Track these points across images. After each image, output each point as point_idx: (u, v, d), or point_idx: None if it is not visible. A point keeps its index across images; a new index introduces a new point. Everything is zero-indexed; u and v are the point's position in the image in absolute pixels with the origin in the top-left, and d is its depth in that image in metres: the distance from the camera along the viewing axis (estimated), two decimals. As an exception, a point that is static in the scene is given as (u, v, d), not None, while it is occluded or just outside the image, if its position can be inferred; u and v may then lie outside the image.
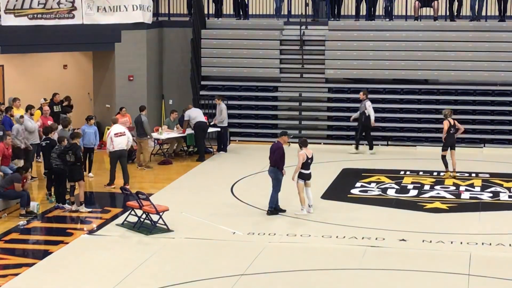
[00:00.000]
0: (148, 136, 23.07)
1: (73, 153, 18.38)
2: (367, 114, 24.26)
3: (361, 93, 24.60)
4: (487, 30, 26.45)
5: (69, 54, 27.37)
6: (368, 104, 24.33)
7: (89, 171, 21.63)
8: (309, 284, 13.89)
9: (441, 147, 21.65)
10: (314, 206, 17.96)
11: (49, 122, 21.62)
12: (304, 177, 17.73)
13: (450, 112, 21.67)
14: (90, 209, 18.55)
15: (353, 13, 28.08)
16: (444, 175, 21.40)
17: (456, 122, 21.47)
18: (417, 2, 27.15)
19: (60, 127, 21.11)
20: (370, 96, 26.25)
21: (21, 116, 20.68)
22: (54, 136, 20.00)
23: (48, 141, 19.71)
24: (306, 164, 17.69)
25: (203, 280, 14.00)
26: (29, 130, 20.71)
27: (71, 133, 19.58)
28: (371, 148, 24.55)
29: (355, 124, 24.85)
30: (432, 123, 25.90)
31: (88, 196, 19.61)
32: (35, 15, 24.22)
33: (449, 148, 21.36)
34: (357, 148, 24.63)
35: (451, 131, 21.32)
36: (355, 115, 24.75)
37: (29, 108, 21.58)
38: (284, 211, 17.93)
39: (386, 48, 26.51)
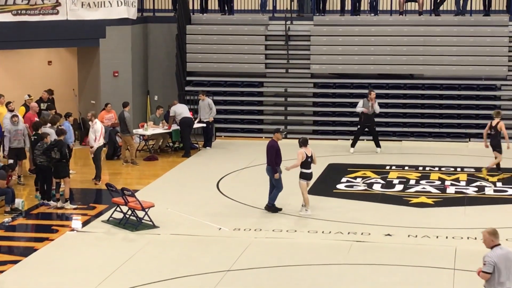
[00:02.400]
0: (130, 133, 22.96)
1: (59, 150, 18.32)
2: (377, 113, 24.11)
3: (373, 93, 23.82)
4: (472, 24, 26.51)
5: (53, 50, 27.25)
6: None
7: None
8: (295, 279, 13.90)
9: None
10: (300, 202, 17.92)
11: (36, 119, 21.48)
12: (307, 176, 17.57)
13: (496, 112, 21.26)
14: (75, 206, 18.50)
15: (338, 8, 28.07)
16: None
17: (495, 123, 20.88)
18: (402, -4, 27.22)
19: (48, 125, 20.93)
20: (355, 91, 26.34)
21: (15, 115, 20.49)
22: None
23: (37, 137, 19.59)
24: (306, 163, 17.48)
25: (189, 276, 13.99)
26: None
27: (56, 130, 19.48)
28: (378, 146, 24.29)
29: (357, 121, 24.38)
30: (417, 118, 25.97)
31: (73, 193, 19.56)
32: (19, 11, 24.12)
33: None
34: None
35: (490, 132, 21.02)
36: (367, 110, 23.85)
37: (7, 103, 21.42)
38: (280, 209, 17.82)
39: (371, 43, 26.53)
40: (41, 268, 14.61)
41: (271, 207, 17.78)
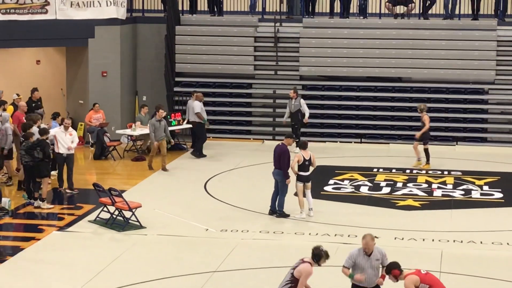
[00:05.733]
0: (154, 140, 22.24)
1: (41, 150, 18.26)
2: (302, 112, 24.08)
3: (292, 91, 24.19)
4: (460, 28, 26.58)
5: (42, 49, 27.16)
6: (303, 101, 24.17)
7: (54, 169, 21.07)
8: (281, 280, 13.87)
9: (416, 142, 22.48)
10: (291, 206, 17.95)
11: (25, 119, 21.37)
12: (303, 179, 17.55)
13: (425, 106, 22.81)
14: (52, 206, 18.45)
15: (328, 11, 28.09)
16: (424, 166, 22.24)
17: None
18: (388, 3, 27.14)
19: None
20: (344, 93, 26.38)
21: None
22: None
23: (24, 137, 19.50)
24: (304, 166, 17.47)
25: (176, 277, 13.99)
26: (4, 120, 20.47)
27: (39, 129, 19.30)
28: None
29: (289, 121, 24.39)
30: (405, 121, 26.01)
31: (60, 193, 19.54)
32: (8, 10, 24.03)
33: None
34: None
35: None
36: (287, 114, 24.25)
37: (1, 103, 21.35)
38: (288, 215, 17.67)
39: (360, 45, 26.56)
40: (27, 267, 14.58)
41: (281, 214, 17.66)
